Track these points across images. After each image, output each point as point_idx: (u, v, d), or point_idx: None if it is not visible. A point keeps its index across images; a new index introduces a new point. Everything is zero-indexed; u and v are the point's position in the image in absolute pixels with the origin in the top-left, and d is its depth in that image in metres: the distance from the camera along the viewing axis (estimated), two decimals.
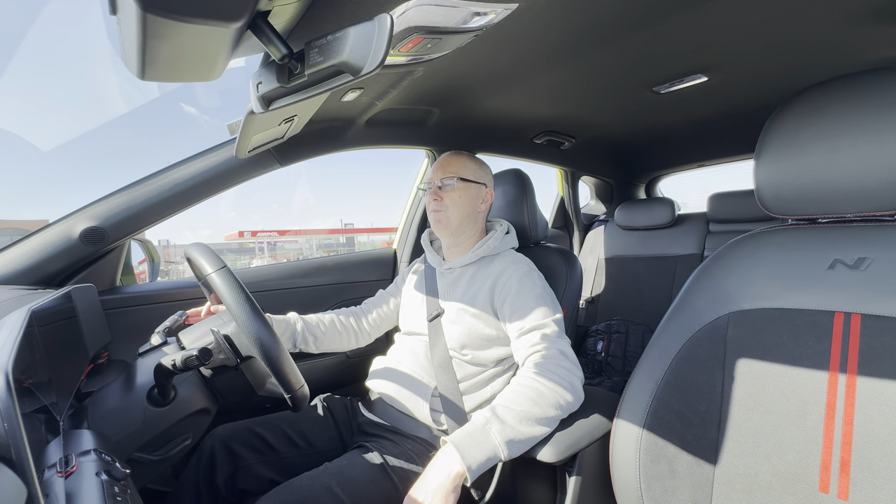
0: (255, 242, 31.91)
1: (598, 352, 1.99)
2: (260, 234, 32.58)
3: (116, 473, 0.57)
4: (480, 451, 0.73)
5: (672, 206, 2.12)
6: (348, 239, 35.33)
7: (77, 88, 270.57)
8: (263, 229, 33.96)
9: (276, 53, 0.54)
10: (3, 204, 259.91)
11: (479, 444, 0.73)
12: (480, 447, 0.73)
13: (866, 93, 0.61)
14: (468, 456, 0.72)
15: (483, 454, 0.73)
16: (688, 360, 0.72)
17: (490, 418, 0.76)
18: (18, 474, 0.38)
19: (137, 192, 1.10)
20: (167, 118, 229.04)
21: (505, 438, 0.74)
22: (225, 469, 0.94)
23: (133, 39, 0.44)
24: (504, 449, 0.74)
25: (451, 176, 1.08)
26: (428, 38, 0.79)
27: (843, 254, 0.64)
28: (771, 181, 0.70)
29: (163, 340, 0.90)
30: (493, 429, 0.75)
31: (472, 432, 0.75)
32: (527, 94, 1.28)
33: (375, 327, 1.23)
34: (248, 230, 33.04)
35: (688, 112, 1.56)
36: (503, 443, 0.74)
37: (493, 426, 0.75)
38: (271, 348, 0.72)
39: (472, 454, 0.72)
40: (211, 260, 0.79)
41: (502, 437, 0.74)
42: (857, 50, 1.04)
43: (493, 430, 0.75)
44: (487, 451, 0.73)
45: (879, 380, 0.56)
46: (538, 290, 0.98)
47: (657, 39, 0.97)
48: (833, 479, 0.56)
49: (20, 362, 0.49)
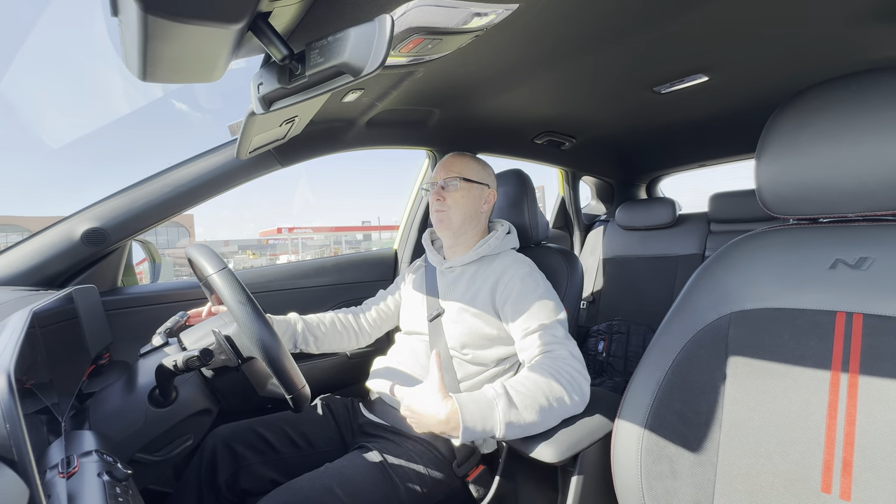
0: (290, 239, 32.79)
1: (599, 352, 1.98)
2: (296, 231, 33.52)
3: (118, 474, 0.57)
4: (480, 421, 0.74)
5: (673, 206, 2.12)
6: (365, 235, 36.09)
7: (82, 87, 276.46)
8: (299, 226, 34.92)
9: (276, 54, 0.54)
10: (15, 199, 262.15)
11: (482, 414, 0.75)
12: (482, 416, 0.74)
13: (867, 93, 0.61)
14: (469, 420, 0.74)
15: (481, 424, 0.74)
16: (689, 361, 0.72)
17: (500, 394, 0.77)
18: (20, 475, 0.38)
19: (138, 193, 1.10)
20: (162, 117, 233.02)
21: (507, 419, 0.75)
22: (227, 469, 0.94)
23: (134, 41, 0.44)
24: (502, 429, 0.75)
25: (454, 176, 1.08)
26: (428, 39, 0.79)
27: (844, 254, 0.64)
28: (772, 181, 0.70)
29: (164, 341, 0.90)
30: (500, 405, 0.76)
31: (479, 399, 0.76)
32: (527, 95, 1.28)
33: (376, 327, 1.23)
34: (285, 227, 34.22)
35: (688, 112, 1.56)
36: (504, 423, 0.75)
37: (500, 403, 0.76)
38: (273, 349, 0.72)
39: (472, 420, 0.74)
40: (212, 261, 0.79)
41: (505, 417, 0.75)
42: (857, 50, 1.04)
43: (499, 407, 0.75)
44: (486, 424, 0.74)
45: (882, 380, 0.56)
46: (541, 290, 0.98)
47: (658, 39, 0.97)
48: (835, 479, 0.56)
49: (22, 363, 0.49)
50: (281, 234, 33.56)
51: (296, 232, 33.18)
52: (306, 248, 31.85)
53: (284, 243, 33.42)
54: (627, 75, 1.18)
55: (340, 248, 31.05)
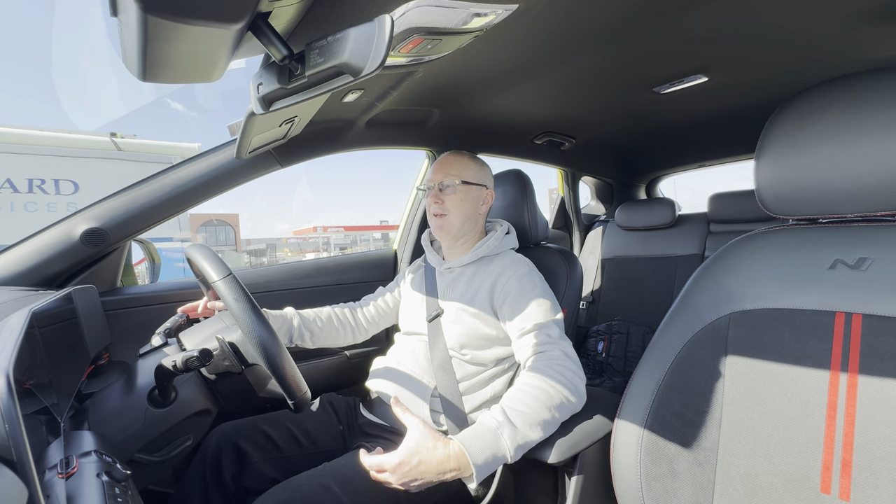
0: (321, 237, 34.09)
1: (598, 352, 1.98)
2: (329, 230, 34.67)
3: (117, 474, 0.57)
4: (491, 456, 0.72)
5: (672, 206, 2.12)
6: (382, 234, 37.09)
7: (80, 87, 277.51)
8: (332, 225, 36.30)
9: (276, 55, 0.54)
10: None
11: (490, 448, 0.72)
12: (491, 450, 0.72)
13: (867, 93, 0.61)
14: (478, 458, 0.71)
15: (492, 458, 0.72)
16: (689, 361, 0.72)
17: (502, 423, 0.75)
18: (19, 475, 0.38)
19: (138, 193, 1.10)
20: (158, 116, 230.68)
21: (515, 444, 0.73)
22: (232, 465, 0.94)
23: (134, 41, 0.44)
24: (511, 453, 0.73)
25: (453, 178, 1.07)
26: (428, 39, 0.79)
27: (844, 254, 0.64)
28: (772, 181, 0.70)
29: (163, 341, 0.91)
30: (505, 434, 0.74)
31: (482, 434, 0.74)
32: (527, 95, 1.28)
33: (373, 324, 1.23)
34: (320, 225, 35.48)
35: (688, 112, 1.56)
36: (512, 448, 0.73)
37: (505, 431, 0.74)
38: (277, 357, 0.73)
39: (482, 458, 0.71)
40: (216, 267, 0.79)
41: (513, 443, 0.73)
42: (857, 50, 1.04)
43: (505, 436, 0.73)
44: (497, 456, 0.72)
45: (881, 380, 0.56)
46: (538, 290, 0.98)
47: (657, 39, 0.97)
48: (834, 479, 0.56)
49: (21, 364, 0.49)
50: (316, 232, 34.75)
51: (329, 231, 34.28)
52: (329, 246, 33.17)
53: (315, 241, 34.64)
54: (627, 75, 1.18)
55: (356, 247, 32.55)
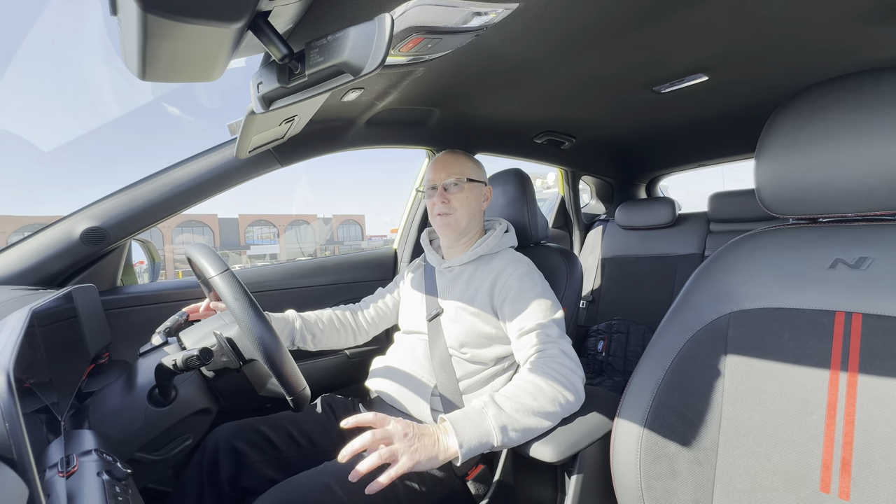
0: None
1: (598, 352, 1.99)
2: None
3: (117, 473, 0.57)
4: (475, 433, 0.74)
5: (673, 205, 2.12)
6: None
7: (77, 89, 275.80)
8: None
9: (276, 54, 0.54)
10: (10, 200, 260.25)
11: (475, 426, 0.74)
12: (476, 428, 0.74)
13: (867, 93, 0.61)
14: (463, 435, 0.73)
15: (477, 436, 0.74)
16: (689, 360, 0.72)
17: (487, 402, 0.78)
18: (20, 474, 0.38)
19: (138, 192, 1.10)
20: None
21: (500, 424, 0.75)
22: (229, 466, 0.94)
23: (134, 40, 0.44)
24: (498, 434, 0.74)
25: (457, 176, 1.08)
26: (428, 38, 0.79)
27: (843, 253, 0.64)
28: (772, 181, 0.70)
29: (164, 340, 0.91)
30: (490, 413, 0.76)
31: (468, 413, 0.76)
32: (527, 94, 1.28)
33: (374, 325, 1.23)
34: None
35: (688, 112, 1.56)
36: (497, 427, 0.75)
37: (490, 410, 0.76)
38: (274, 352, 0.73)
39: (467, 435, 0.73)
40: (213, 263, 0.79)
41: (497, 422, 0.75)
42: (857, 50, 1.04)
43: (489, 414, 0.76)
44: (481, 434, 0.74)
45: (881, 379, 0.56)
46: (539, 289, 0.98)
47: (657, 39, 0.97)
48: (834, 478, 0.56)
49: (21, 362, 0.49)
50: None
51: None
52: None
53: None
54: (627, 75, 1.18)
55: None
